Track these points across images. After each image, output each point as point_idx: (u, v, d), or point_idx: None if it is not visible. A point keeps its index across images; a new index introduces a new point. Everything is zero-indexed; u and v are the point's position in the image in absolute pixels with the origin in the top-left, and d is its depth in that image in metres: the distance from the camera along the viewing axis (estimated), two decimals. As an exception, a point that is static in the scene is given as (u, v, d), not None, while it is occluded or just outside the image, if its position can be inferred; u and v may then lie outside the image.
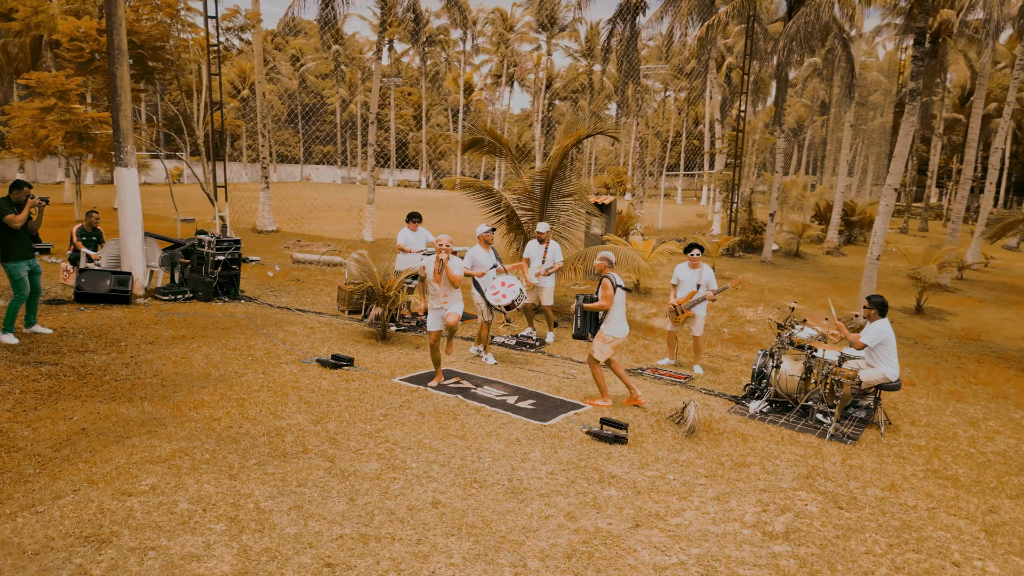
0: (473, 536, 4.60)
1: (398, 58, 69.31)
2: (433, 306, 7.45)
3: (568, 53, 57.46)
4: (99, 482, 4.81)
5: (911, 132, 10.99)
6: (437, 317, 7.45)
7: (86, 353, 7.60)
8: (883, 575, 4.62)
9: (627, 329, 7.35)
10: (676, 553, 4.64)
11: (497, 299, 8.33)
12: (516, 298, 8.32)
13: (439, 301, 7.39)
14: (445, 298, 7.36)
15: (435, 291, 7.37)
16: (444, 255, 7.15)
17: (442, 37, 67.82)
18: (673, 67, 49.23)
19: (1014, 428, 7.86)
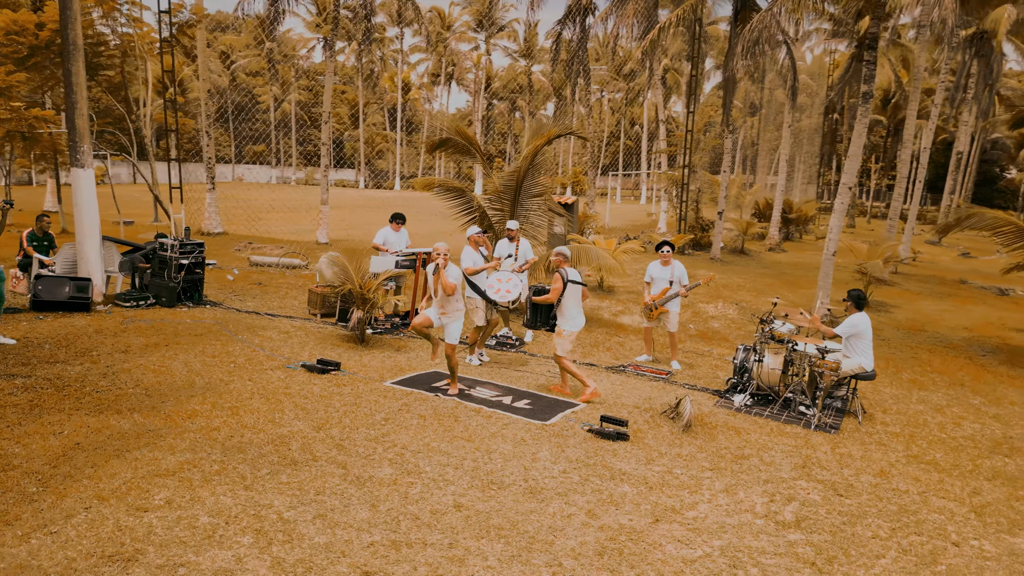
0: (503, 538, 4.61)
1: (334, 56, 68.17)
2: (434, 309, 7.38)
3: (507, 53, 57.62)
4: (110, 498, 4.60)
5: (864, 133, 11.50)
6: (436, 314, 7.36)
7: (58, 364, 7.24)
8: (893, 557, 4.83)
9: (583, 322, 7.63)
10: (700, 546, 4.75)
11: (501, 295, 8.31)
12: (519, 294, 8.43)
13: (436, 311, 7.30)
14: (443, 308, 7.27)
15: (439, 297, 7.28)
16: (441, 261, 7.05)
17: (377, 35, 67.03)
18: (612, 68, 49.91)
19: (976, 414, 8.31)
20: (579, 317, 7.56)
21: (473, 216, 11.80)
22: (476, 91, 57.53)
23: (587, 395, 7.46)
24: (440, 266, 7.05)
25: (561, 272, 7.44)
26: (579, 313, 7.56)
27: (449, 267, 7.12)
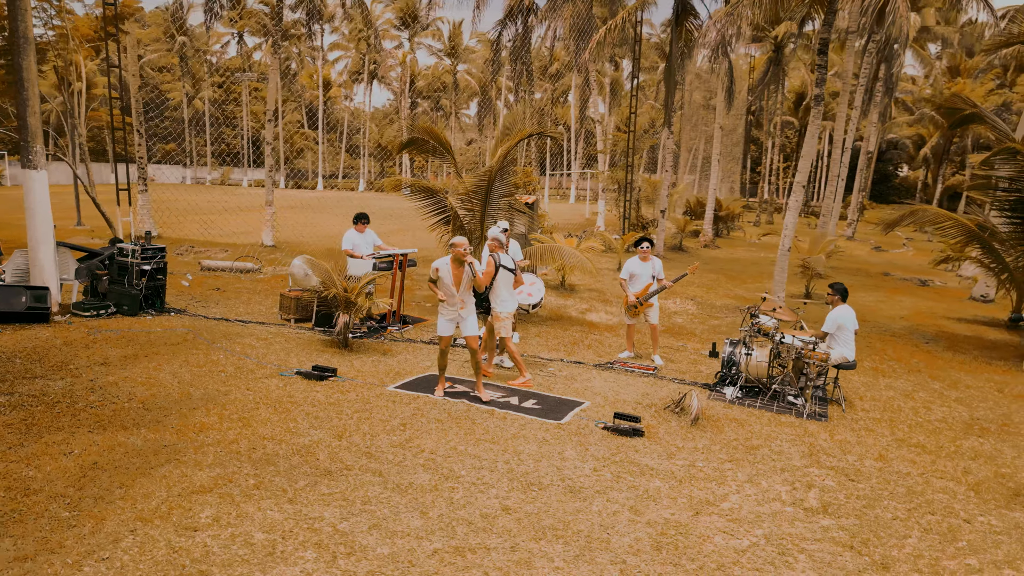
0: (560, 538, 4.63)
1: (250, 52, 65.92)
2: (447, 313, 7.25)
3: (432, 52, 57.27)
4: (152, 519, 4.36)
5: (816, 133, 12.07)
6: (449, 323, 7.25)
7: (37, 379, 6.77)
8: (918, 536, 5.13)
9: (515, 305, 8.04)
10: (744, 536, 4.90)
11: (522, 298, 8.32)
12: (542, 297, 8.65)
13: (455, 307, 7.20)
14: (463, 304, 7.19)
15: (452, 297, 7.15)
16: (468, 259, 6.97)
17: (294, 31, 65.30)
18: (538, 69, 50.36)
19: (940, 398, 8.87)
20: (511, 300, 7.99)
21: (444, 216, 11.72)
22: (402, 90, 56.85)
23: (519, 383, 7.81)
24: (470, 263, 6.96)
25: (494, 257, 7.84)
26: (510, 297, 7.98)
27: (476, 264, 7.08)
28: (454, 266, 7.03)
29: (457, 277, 7.06)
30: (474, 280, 7.08)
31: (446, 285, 7.09)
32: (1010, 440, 7.48)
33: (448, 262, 7.05)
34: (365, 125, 63.27)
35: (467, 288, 7.12)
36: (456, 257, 6.99)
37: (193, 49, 64.51)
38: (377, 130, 77.47)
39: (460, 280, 7.07)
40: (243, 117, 66.86)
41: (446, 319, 7.24)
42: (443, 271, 7.06)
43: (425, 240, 18.52)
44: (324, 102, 68.82)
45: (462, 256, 6.95)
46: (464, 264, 6.98)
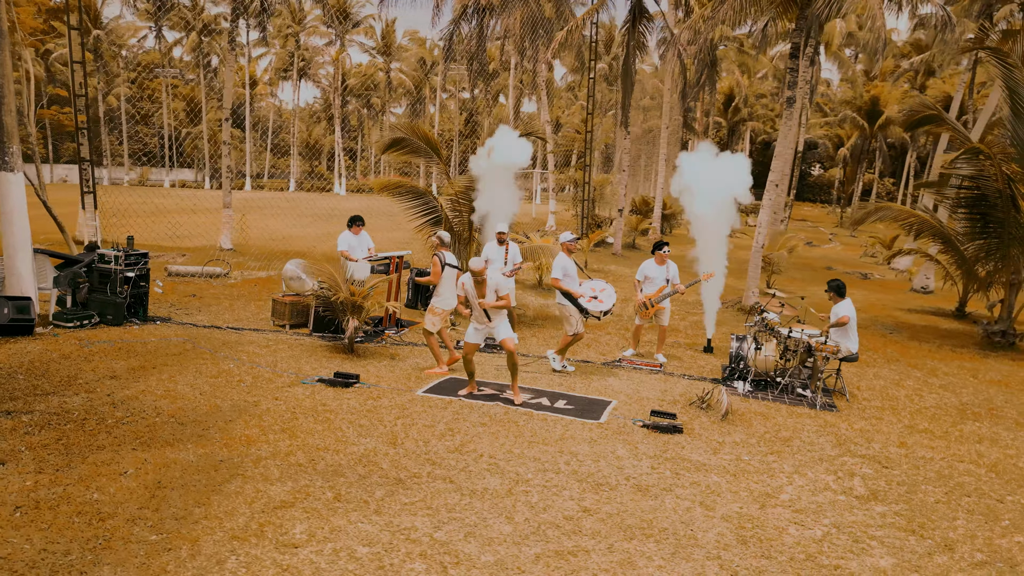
0: (651, 537, 4.69)
1: (170, 48, 63.23)
2: (475, 325, 7.25)
3: (364, 49, 56.34)
4: (247, 537, 4.19)
5: (788, 134, 12.55)
6: (478, 332, 7.25)
7: (49, 395, 6.35)
8: (964, 518, 5.43)
9: (455, 302, 8.16)
10: (814, 526, 5.08)
11: (594, 305, 8.28)
12: (614, 303, 8.55)
13: (482, 319, 7.18)
14: (489, 320, 7.16)
15: (478, 311, 7.16)
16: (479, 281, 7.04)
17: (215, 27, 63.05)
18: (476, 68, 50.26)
19: (925, 385, 9.38)
20: (452, 298, 8.22)
21: (434, 217, 11.61)
22: (334, 88, 55.74)
23: (433, 371, 8.07)
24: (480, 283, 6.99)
25: (439, 255, 8.26)
26: (452, 295, 8.20)
27: (494, 276, 7.05)
28: (477, 286, 7.07)
29: (480, 293, 7.09)
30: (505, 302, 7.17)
31: (472, 300, 7.11)
32: (1002, 424, 7.98)
33: (471, 278, 7.08)
34: (294, 124, 61.75)
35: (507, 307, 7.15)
36: (477, 279, 7.05)
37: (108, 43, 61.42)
38: (305, 129, 75.69)
39: (484, 295, 7.10)
40: (163, 115, 64.09)
41: (474, 327, 7.25)
42: (468, 286, 7.10)
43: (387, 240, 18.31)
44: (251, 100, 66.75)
45: (480, 274, 7.00)
46: (484, 283, 7.04)
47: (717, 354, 10.33)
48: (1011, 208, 11.13)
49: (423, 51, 59.16)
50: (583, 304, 8.43)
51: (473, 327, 7.30)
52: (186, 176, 71.23)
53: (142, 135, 70.45)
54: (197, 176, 69.02)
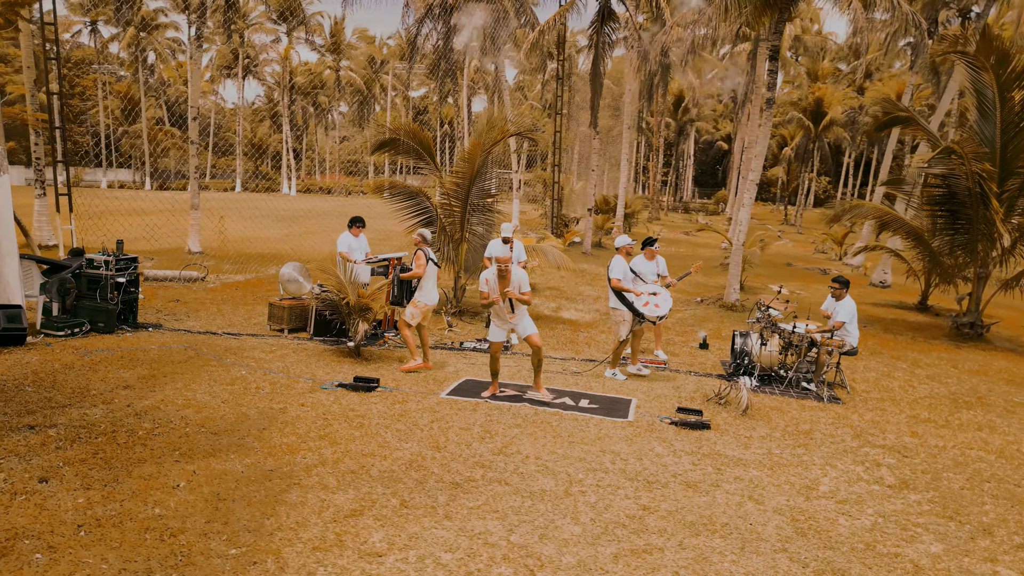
0: (716, 532, 4.77)
1: (105, 44, 60.82)
2: (497, 323, 7.23)
3: (312, 47, 55.33)
4: (329, 548, 4.09)
5: (768, 134, 12.88)
6: (501, 330, 7.23)
7: (66, 408, 6.07)
8: (991, 503, 5.69)
9: (436, 298, 8.47)
10: (861, 516, 5.25)
11: (649, 310, 8.22)
12: (669, 308, 8.50)
13: (505, 316, 7.16)
14: (512, 314, 7.15)
15: (499, 308, 7.14)
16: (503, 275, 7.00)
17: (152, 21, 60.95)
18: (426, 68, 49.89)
19: (913, 376, 9.77)
20: (433, 293, 8.41)
21: (427, 218, 11.52)
22: (283, 86, 54.57)
23: (409, 366, 8.18)
24: (504, 277, 6.96)
25: (424, 251, 8.36)
26: (433, 290, 8.42)
27: (516, 271, 7.04)
28: (500, 280, 7.05)
29: (504, 287, 7.06)
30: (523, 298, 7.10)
31: (494, 295, 7.10)
32: (993, 411, 8.38)
33: (494, 273, 7.06)
34: (240, 122, 60.23)
35: (525, 304, 7.12)
36: (499, 270, 7.02)
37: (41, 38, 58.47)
38: (250, 128, 73.88)
39: (501, 291, 7.09)
40: (99, 114, 61.70)
41: (497, 325, 7.24)
42: (492, 281, 7.09)
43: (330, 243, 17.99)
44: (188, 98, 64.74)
45: (503, 266, 6.98)
46: (508, 277, 7.02)
47: (713, 350, 10.54)
48: (980, 205, 11.66)
49: (373, 49, 58.46)
50: (638, 307, 8.32)
51: (495, 325, 7.28)
52: (124, 176, 68.75)
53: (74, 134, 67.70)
54: (135, 176, 66.79)
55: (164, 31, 63.71)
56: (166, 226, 20.77)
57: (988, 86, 11.69)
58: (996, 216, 11.24)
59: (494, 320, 7.31)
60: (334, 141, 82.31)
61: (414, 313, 8.30)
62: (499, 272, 7.04)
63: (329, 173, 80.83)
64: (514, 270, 7.12)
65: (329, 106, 67.02)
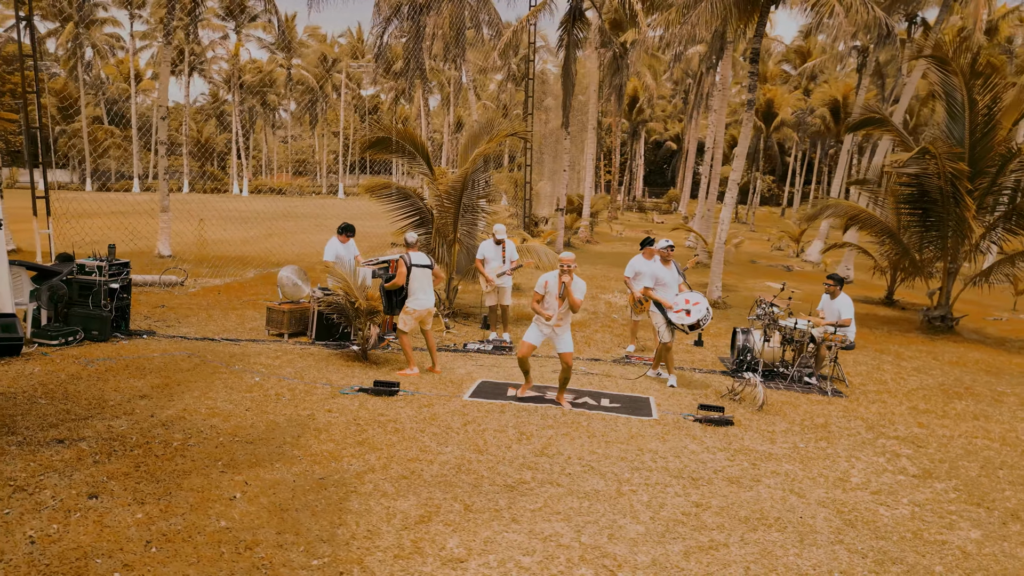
0: (772, 526, 4.89)
1: (42, 39, 58.29)
2: (538, 326, 7.15)
3: (262, 45, 54.16)
4: (410, 556, 4.05)
5: (748, 135, 13.18)
6: (539, 335, 7.15)
7: (88, 420, 5.83)
8: (1010, 488, 5.96)
9: (428, 302, 8.18)
10: (897, 506, 5.44)
11: (679, 317, 8.09)
12: (702, 317, 8.06)
13: (548, 325, 7.09)
14: (559, 321, 7.09)
15: (551, 307, 7.04)
16: (567, 277, 6.87)
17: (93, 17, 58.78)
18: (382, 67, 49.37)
19: (901, 368, 10.13)
20: (423, 297, 8.14)
21: (419, 219, 11.44)
22: (233, 85, 53.28)
23: (405, 372, 8.05)
24: (567, 283, 6.86)
25: (404, 258, 8.14)
26: (424, 295, 8.14)
27: (576, 280, 6.94)
28: (560, 284, 6.94)
29: (567, 288, 6.91)
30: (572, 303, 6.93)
31: (551, 299, 7.01)
32: (983, 400, 8.76)
33: (556, 276, 6.97)
34: (186, 122, 58.60)
35: (573, 311, 7.02)
36: (562, 270, 6.91)
37: (-31, 32, 55.80)
38: (196, 127, 71.90)
39: (561, 300, 6.98)
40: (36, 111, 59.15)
41: (538, 329, 7.15)
42: (551, 285, 6.98)
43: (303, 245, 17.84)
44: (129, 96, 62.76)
45: (568, 270, 6.88)
46: (572, 277, 6.91)
47: (708, 347, 10.74)
48: (951, 203, 12.16)
49: (325, 47, 57.57)
50: (670, 316, 8.25)
51: (536, 327, 7.19)
52: (61, 177, 66.15)
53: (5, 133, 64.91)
54: (73, 177, 64.41)
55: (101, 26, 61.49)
56: (124, 229, 20.08)
57: (958, 89, 12.19)
58: (968, 213, 11.73)
59: (536, 322, 7.21)
60: (281, 141, 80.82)
61: (406, 320, 8.13)
62: (562, 271, 6.91)
63: (277, 173, 79.37)
64: (575, 278, 6.97)
65: (278, 105, 65.72)
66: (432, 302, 8.25)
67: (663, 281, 8.88)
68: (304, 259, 17.11)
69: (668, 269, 9.08)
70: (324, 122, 68.57)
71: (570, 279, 6.85)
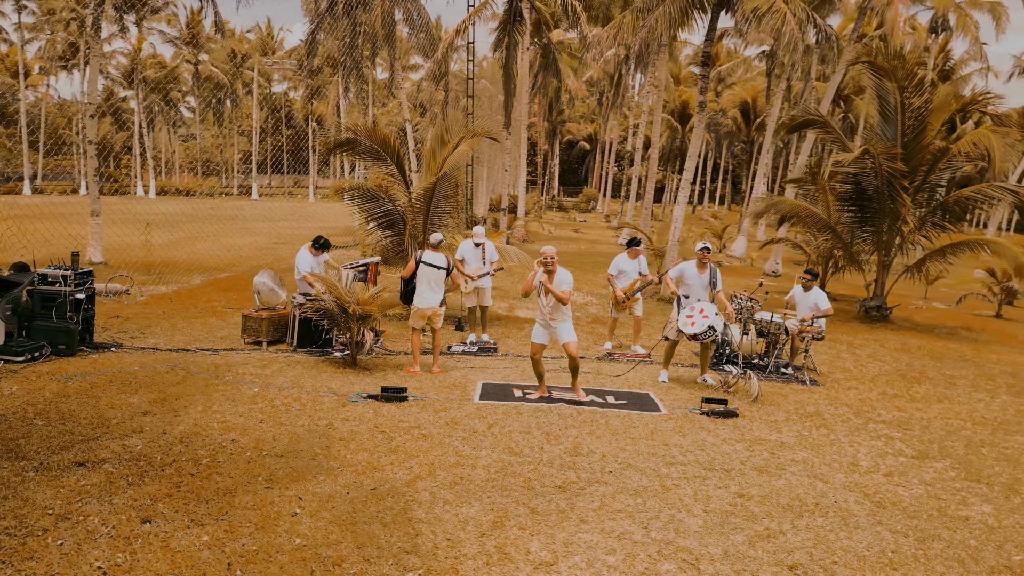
0: (814, 512, 5.13)
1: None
2: (540, 325, 7.22)
3: (166, 39, 51.50)
4: (500, 562, 4.02)
5: (701, 135, 13.63)
6: (543, 331, 7.23)
7: (96, 440, 5.44)
8: (998, 463, 6.45)
9: (432, 300, 8.20)
10: (909, 487, 5.80)
11: (683, 323, 8.11)
12: (702, 332, 7.97)
13: (545, 317, 7.17)
14: (552, 315, 7.15)
15: (541, 307, 7.15)
16: (550, 270, 7.00)
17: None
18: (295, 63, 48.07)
19: (856, 356, 10.74)
20: (428, 296, 8.18)
21: (389, 220, 11.25)
22: (137, 81, 50.50)
23: (410, 370, 8.19)
24: (551, 272, 6.99)
25: (417, 253, 8.31)
26: (430, 293, 8.19)
27: (559, 272, 7.07)
28: (544, 276, 7.07)
29: (545, 286, 7.07)
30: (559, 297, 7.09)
31: (542, 291, 7.12)
32: (939, 384, 9.41)
33: (543, 273, 7.07)
34: (83, 120, 55.08)
35: (562, 304, 7.13)
36: (545, 266, 7.04)
37: None
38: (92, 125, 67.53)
39: (546, 292, 7.10)
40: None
41: (540, 327, 7.25)
42: (538, 282, 7.09)
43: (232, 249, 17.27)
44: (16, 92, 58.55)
45: (548, 265, 7.02)
46: (554, 274, 7.06)
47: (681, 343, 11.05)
48: (887, 199, 12.98)
49: (234, 43, 55.44)
50: (680, 322, 8.27)
51: (538, 326, 7.29)
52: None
53: None
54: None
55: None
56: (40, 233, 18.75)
57: (891, 92, 13.01)
58: (905, 210, 12.55)
59: (538, 322, 7.32)
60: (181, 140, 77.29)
61: (413, 317, 8.33)
62: (546, 268, 7.03)
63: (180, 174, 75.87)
64: (559, 270, 7.14)
65: (182, 101, 62.73)
66: (437, 301, 8.27)
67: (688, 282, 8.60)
68: (239, 263, 16.53)
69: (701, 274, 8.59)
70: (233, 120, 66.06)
71: (554, 270, 7.06)
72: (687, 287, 8.58)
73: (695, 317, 8.14)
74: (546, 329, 7.27)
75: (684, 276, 8.62)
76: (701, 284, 8.52)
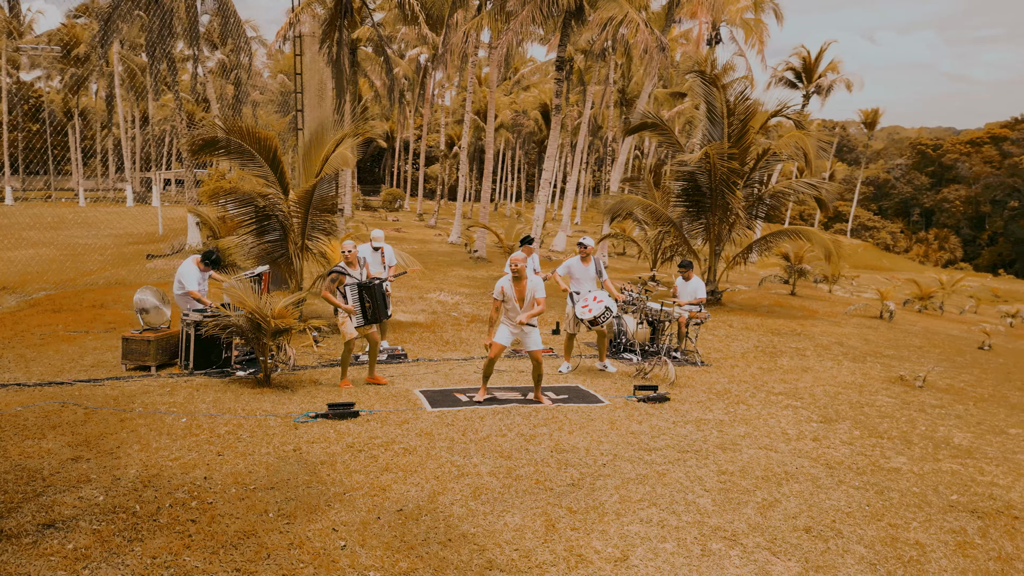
0: (791, 480, 5.72)
1: None
2: (508, 327, 7.15)
3: None
4: (577, 566, 4.07)
5: (557, 137, 14.20)
6: (509, 335, 7.17)
7: (44, 495, 4.52)
8: (880, 420, 7.56)
9: None
10: (840, 448, 6.64)
11: (582, 312, 8.17)
12: (600, 314, 8.27)
13: (514, 320, 7.12)
14: (524, 321, 7.11)
15: (516, 313, 7.10)
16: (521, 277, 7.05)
17: None
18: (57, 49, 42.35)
19: (717, 336, 11.90)
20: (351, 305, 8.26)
21: (262, 225, 10.48)
22: None
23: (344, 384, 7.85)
24: (523, 277, 7.02)
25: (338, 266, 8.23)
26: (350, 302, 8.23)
27: (531, 278, 7.11)
28: (515, 283, 7.10)
29: (519, 293, 7.11)
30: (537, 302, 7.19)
31: (511, 303, 7.10)
32: (794, 356, 10.75)
33: (510, 280, 7.08)
34: None
35: (529, 305, 7.18)
36: (516, 274, 7.08)
37: None
38: None
39: (523, 296, 7.13)
40: None
41: (507, 330, 7.21)
42: (507, 290, 7.08)
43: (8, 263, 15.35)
44: None
45: (519, 272, 7.06)
46: (524, 280, 7.10)
47: (565, 335, 11.50)
48: (720, 195, 14.46)
49: None
50: (577, 310, 8.62)
51: (505, 328, 7.23)
52: None
53: None
54: None
55: None
56: None
57: (718, 100, 14.48)
58: (738, 204, 14.06)
59: (504, 323, 7.25)
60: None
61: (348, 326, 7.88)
62: (514, 275, 7.05)
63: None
64: (530, 276, 7.16)
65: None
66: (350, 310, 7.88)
67: (576, 276, 9.07)
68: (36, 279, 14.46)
69: (586, 267, 9.09)
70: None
71: (524, 275, 7.19)
72: (576, 281, 9.01)
73: (590, 304, 8.60)
74: (512, 334, 7.27)
75: (572, 271, 9.08)
76: (588, 276, 9.00)
